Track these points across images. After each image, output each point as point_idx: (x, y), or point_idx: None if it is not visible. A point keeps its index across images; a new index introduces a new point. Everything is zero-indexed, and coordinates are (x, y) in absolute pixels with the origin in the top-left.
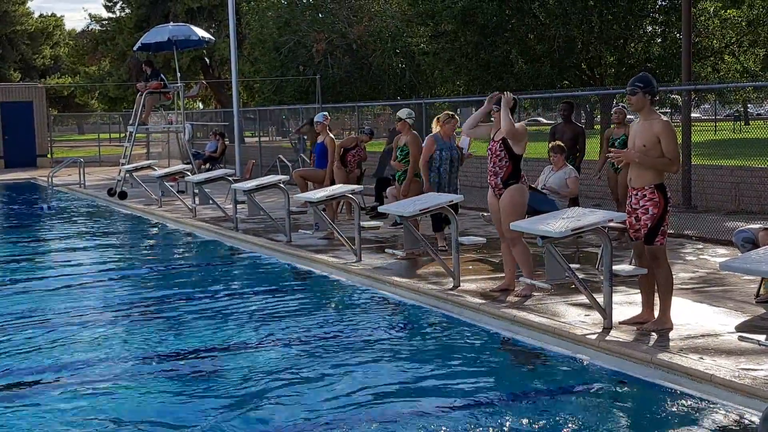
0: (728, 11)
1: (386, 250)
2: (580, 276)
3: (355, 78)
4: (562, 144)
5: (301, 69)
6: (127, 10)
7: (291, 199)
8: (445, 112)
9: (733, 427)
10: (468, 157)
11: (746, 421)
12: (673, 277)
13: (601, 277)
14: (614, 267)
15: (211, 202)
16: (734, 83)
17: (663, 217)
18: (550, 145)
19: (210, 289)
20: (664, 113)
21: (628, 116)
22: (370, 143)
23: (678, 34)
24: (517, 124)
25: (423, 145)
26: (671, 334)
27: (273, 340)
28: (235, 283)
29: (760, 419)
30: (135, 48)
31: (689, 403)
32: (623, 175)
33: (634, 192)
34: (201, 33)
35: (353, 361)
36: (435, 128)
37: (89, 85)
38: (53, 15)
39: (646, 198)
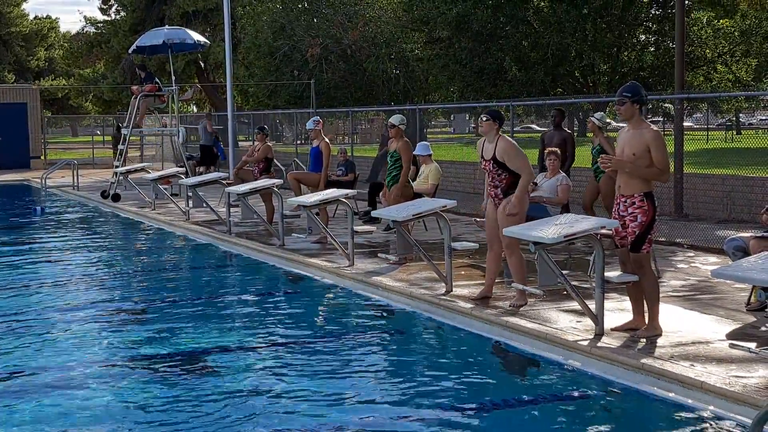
0: (721, 21)
1: (379, 254)
2: (572, 282)
3: (350, 83)
4: (557, 150)
5: (296, 73)
6: (123, 13)
7: (284, 202)
8: None
9: None
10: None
11: (737, 429)
12: (665, 284)
13: (593, 284)
14: (606, 273)
15: (204, 205)
16: (726, 93)
17: (651, 225)
18: (546, 151)
19: (202, 292)
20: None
21: (614, 123)
22: (363, 148)
23: (671, 44)
24: (505, 141)
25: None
26: (663, 341)
27: (264, 344)
28: (228, 286)
29: (750, 426)
30: (130, 50)
31: (680, 410)
32: (603, 182)
33: (623, 199)
34: (196, 37)
35: (344, 366)
36: None
37: (83, 87)
38: (48, 17)
39: (635, 206)
